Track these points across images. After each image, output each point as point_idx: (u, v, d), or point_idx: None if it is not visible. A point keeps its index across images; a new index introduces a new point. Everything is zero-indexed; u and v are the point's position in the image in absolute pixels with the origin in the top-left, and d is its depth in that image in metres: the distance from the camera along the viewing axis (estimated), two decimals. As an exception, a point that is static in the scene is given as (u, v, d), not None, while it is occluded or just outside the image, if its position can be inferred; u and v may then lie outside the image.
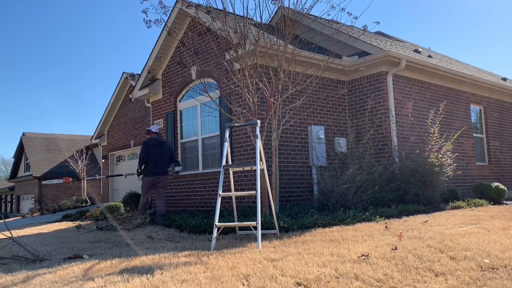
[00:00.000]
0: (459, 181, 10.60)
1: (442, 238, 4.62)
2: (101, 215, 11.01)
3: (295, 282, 3.32)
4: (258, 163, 5.36)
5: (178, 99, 10.89)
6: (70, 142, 26.28)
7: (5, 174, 52.10)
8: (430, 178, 8.16)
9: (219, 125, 9.39)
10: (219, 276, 3.53)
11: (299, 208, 7.80)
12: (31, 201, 25.18)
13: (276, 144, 7.22)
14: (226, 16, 7.25)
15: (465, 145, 11.47)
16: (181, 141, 10.77)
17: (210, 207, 9.42)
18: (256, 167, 5.33)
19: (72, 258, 4.99)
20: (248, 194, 5.69)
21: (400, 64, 9.35)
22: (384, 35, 14.15)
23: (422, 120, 10.00)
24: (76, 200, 18.91)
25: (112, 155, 19.72)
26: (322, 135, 9.05)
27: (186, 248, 5.26)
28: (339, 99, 9.95)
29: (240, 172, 8.70)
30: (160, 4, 7.20)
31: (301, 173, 8.93)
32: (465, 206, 8.26)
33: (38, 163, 25.16)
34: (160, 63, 11.05)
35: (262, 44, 7.26)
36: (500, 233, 4.87)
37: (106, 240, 6.70)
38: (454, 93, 11.46)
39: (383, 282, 3.26)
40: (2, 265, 4.85)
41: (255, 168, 5.44)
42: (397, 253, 4.02)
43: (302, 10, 7.31)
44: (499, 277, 3.30)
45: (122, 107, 19.01)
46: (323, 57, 8.37)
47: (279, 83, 7.06)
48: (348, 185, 7.64)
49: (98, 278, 3.76)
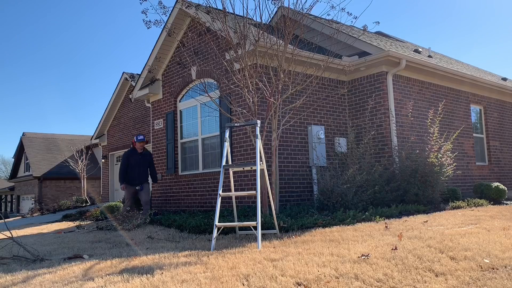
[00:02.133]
0: (459, 181, 10.60)
1: (442, 238, 4.62)
2: (101, 215, 11.01)
3: (295, 282, 3.32)
4: (258, 163, 5.36)
5: (178, 99, 10.89)
6: (70, 142, 26.28)
7: (5, 174, 52.11)
8: (430, 178, 8.16)
9: (219, 125, 9.39)
10: (219, 276, 3.53)
11: (299, 208, 7.80)
12: (31, 201, 25.18)
13: (276, 144, 7.22)
14: (226, 16, 7.25)
15: (465, 145, 11.47)
16: (181, 141, 10.77)
17: (210, 207, 9.42)
18: (256, 167, 5.33)
19: (72, 258, 4.99)
20: (248, 194, 5.69)
21: (400, 64, 9.35)
22: (384, 35, 14.15)
23: (422, 120, 10.00)
24: (76, 200, 18.90)
25: (112, 155, 19.72)
26: (322, 135, 9.05)
27: (186, 248, 5.26)
28: (339, 99, 9.96)
29: (240, 172, 8.70)
30: (160, 4, 7.19)
31: (301, 173, 8.93)
32: (465, 206, 8.26)
33: (38, 163, 25.16)
34: (160, 63, 11.05)
35: (262, 44, 7.26)
36: (500, 233, 4.87)
37: (106, 240, 6.70)
38: (454, 93, 11.46)
39: (383, 282, 3.26)
40: (2, 265, 4.85)
41: (255, 168, 5.44)
42: (397, 253, 4.02)
43: (302, 10, 7.31)
44: (499, 277, 3.30)
45: (122, 107, 19.01)
46: (323, 57, 8.37)
47: (279, 83, 7.06)
48: (348, 185, 7.64)
49: (98, 278, 3.76)
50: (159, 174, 11.28)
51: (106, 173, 19.89)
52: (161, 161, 11.22)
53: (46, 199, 24.03)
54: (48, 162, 25.46)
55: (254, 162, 5.72)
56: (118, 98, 19.02)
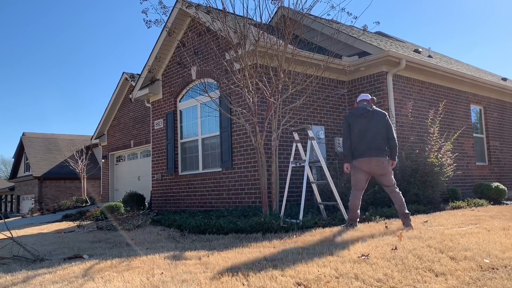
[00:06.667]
0: (459, 181, 10.60)
1: (442, 238, 4.62)
2: (101, 215, 11.01)
3: (295, 282, 3.32)
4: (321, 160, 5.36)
5: (178, 99, 10.90)
6: (70, 142, 26.27)
7: (5, 174, 52.07)
8: (430, 178, 8.16)
9: (219, 125, 9.39)
10: (219, 276, 3.53)
11: (299, 208, 7.80)
12: (31, 201, 25.17)
13: (276, 144, 7.22)
14: (226, 16, 7.25)
15: (465, 145, 11.47)
16: (181, 141, 10.78)
17: (210, 207, 9.43)
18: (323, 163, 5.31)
19: (72, 258, 4.99)
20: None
21: (400, 64, 9.35)
22: (384, 35, 14.14)
23: (422, 120, 10.00)
24: (76, 200, 18.89)
25: (112, 155, 19.72)
26: (322, 135, 9.05)
27: (186, 248, 5.27)
28: (339, 99, 9.96)
29: (240, 172, 8.71)
30: (160, 4, 7.21)
31: (301, 173, 8.91)
32: (465, 206, 8.26)
33: (38, 163, 25.15)
34: (160, 63, 11.05)
35: (262, 44, 7.27)
36: (500, 233, 4.87)
37: (106, 240, 6.70)
38: (454, 93, 11.46)
39: (383, 282, 3.26)
40: (2, 265, 4.85)
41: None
42: (397, 253, 4.02)
43: (302, 10, 7.32)
44: (499, 277, 3.30)
45: (122, 107, 19.01)
46: (323, 57, 8.37)
47: (279, 83, 7.06)
48: (348, 185, 7.63)
49: (98, 278, 3.76)
50: (159, 174, 11.29)
51: (106, 173, 19.88)
52: (161, 161, 11.23)
53: (46, 199, 24.02)
54: (48, 162, 25.45)
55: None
56: (118, 98, 19.02)
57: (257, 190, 8.23)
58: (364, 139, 5.71)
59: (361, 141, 5.72)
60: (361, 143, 5.72)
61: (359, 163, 5.77)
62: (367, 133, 5.71)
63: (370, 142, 5.69)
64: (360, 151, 5.73)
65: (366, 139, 5.70)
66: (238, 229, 6.26)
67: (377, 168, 5.71)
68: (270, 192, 7.37)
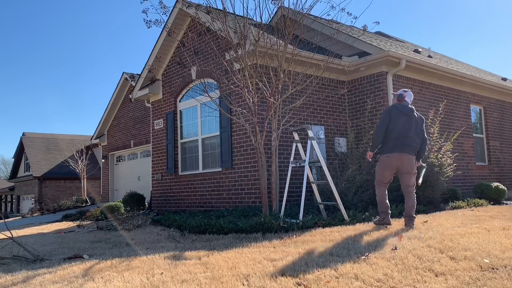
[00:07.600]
0: (459, 181, 10.60)
1: (442, 238, 4.62)
2: (101, 215, 11.01)
3: (295, 282, 3.32)
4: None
5: (178, 99, 10.90)
6: (70, 142, 26.27)
7: (5, 174, 52.06)
8: (430, 178, 8.15)
9: (219, 125, 9.39)
10: (219, 276, 3.53)
11: (299, 208, 7.80)
12: (31, 201, 25.17)
13: (276, 144, 7.22)
14: (226, 16, 7.25)
15: (465, 145, 11.47)
16: (181, 141, 10.78)
17: (210, 207, 9.43)
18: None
19: (72, 258, 4.99)
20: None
21: (400, 64, 9.35)
22: (384, 35, 14.15)
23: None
24: (76, 200, 18.90)
25: (112, 155, 19.72)
26: (322, 135, 9.05)
27: (186, 248, 5.27)
28: (339, 99, 9.96)
29: (240, 172, 8.71)
30: (160, 4, 7.20)
31: (301, 173, 8.92)
32: (465, 206, 8.26)
33: (38, 163, 25.15)
34: (160, 63, 11.05)
35: (262, 44, 7.27)
36: (500, 233, 4.87)
37: (106, 240, 6.70)
38: (454, 93, 11.46)
39: (383, 282, 3.26)
40: (2, 265, 4.85)
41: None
42: (397, 253, 4.02)
43: (302, 10, 7.31)
44: (499, 277, 3.30)
45: (122, 107, 19.00)
46: (323, 57, 8.37)
47: (279, 83, 7.06)
48: (348, 185, 7.64)
49: (98, 278, 3.76)
50: (159, 174, 11.30)
51: (106, 173, 19.88)
52: (161, 161, 11.23)
53: (46, 199, 24.02)
54: (48, 162, 25.45)
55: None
56: (118, 98, 19.02)
57: (257, 190, 8.23)
58: (404, 136, 5.79)
59: (400, 137, 5.79)
60: (399, 139, 5.79)
61: (390, 157, 5.82)
62: (408, 131, 5.82)
63: (409, 140, 5.80)
64: (397, 146, 5.78)
65: (406, 136, 5.79)
66: (238, 229, 6.27)
67: (407, 166, 5.80)
68: (270, 192, 7.37)
